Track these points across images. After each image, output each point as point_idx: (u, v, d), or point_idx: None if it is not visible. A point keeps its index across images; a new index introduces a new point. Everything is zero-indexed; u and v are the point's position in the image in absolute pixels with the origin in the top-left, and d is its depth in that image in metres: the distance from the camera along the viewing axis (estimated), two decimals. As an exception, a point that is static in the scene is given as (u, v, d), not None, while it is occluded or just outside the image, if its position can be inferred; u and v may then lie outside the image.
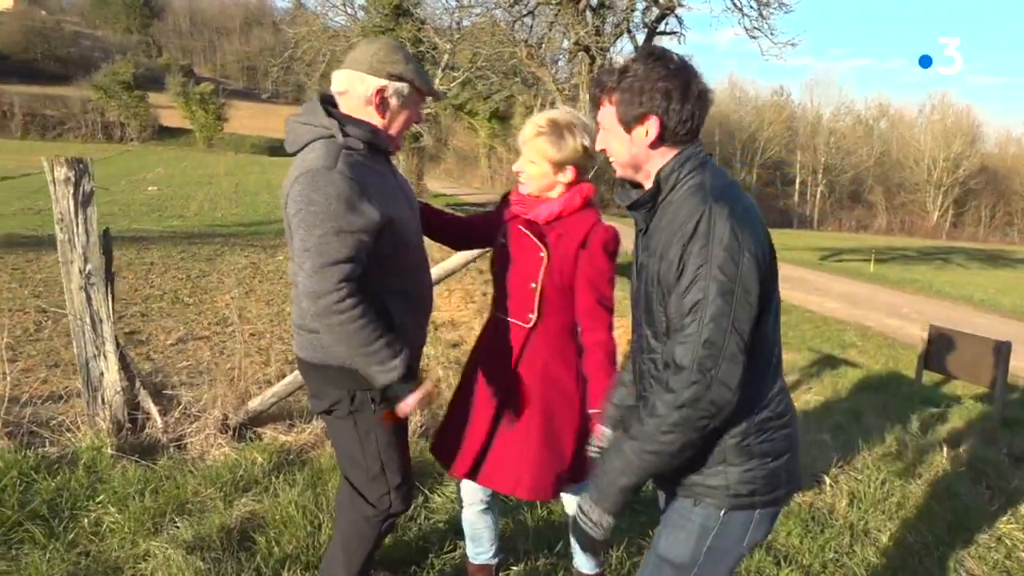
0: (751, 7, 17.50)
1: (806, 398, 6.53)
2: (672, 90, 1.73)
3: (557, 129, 2.37)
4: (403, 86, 2.21)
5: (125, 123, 65.93)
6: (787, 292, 16.77)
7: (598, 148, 1.93)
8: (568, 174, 2.40)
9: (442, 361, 7.21)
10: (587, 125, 2.40)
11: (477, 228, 2.66)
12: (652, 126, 1.75)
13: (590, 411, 2.42)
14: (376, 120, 2.22)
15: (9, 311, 7.78)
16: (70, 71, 76.92)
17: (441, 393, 2.21)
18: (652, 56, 1.76)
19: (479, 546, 2.79)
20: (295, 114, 2.25)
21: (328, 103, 2.24)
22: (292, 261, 2.17)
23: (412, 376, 2.19)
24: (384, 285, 2.23)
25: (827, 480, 4.05)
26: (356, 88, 2.20)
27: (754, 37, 17.44)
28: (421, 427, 4.03)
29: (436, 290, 8.35)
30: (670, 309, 1.70)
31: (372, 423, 2.33)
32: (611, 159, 1.87)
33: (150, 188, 27.81)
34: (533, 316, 2.42)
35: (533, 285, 2.40)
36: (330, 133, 2.14)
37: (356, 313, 2.08)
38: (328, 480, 3.46)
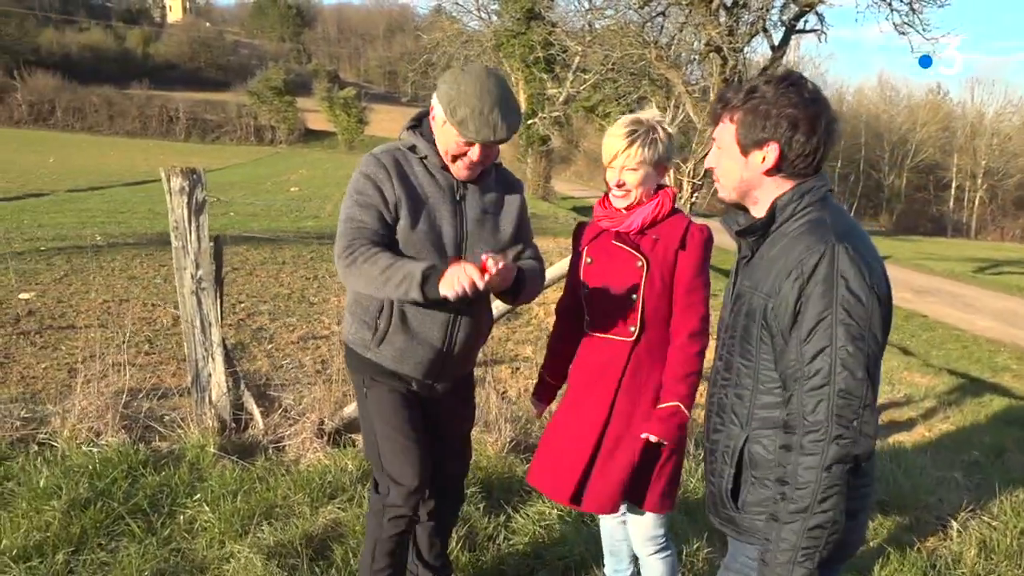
0: (901, 0, 16.37)
1: (941, 427, 6.00)
2: (800, 120, 1.64)
3: (646, 128, 2.32)
4: (439, 109, 2.26)
5: (275, 126, 70.12)
6: (933, 307, 15.59)
7: (707, 165, 1.84)
8: (664, 174, 2.39)
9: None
10: (660, 118, 2.39)
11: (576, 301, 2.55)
12: (771, 153, 1.67)
13: (662, 404, 2.32)
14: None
15: (153, 305, 8.38)
16: (229, 78, 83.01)
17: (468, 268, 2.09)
18: (786, 81, 1.68)
19: (619, 562, 2.73)
20: None
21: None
22: None
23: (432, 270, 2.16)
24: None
25: (954, 525, 3.68)
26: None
27: (903, 33, 16.29)
28: (511, 443, 3.98)
29: (549, 297, 8.27)
30: (788, 355, 1.60)
31: (370, 409, 2.45)
32: (719, 178, 1.79)
33: (292, 189, 29.32)
34: (635, 329, 2.35)
35: (634, 297, 2.33)
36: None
37: (366, 253, 2.21)
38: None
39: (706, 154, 2.16)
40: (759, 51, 18.67)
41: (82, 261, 10.54)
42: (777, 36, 16.94)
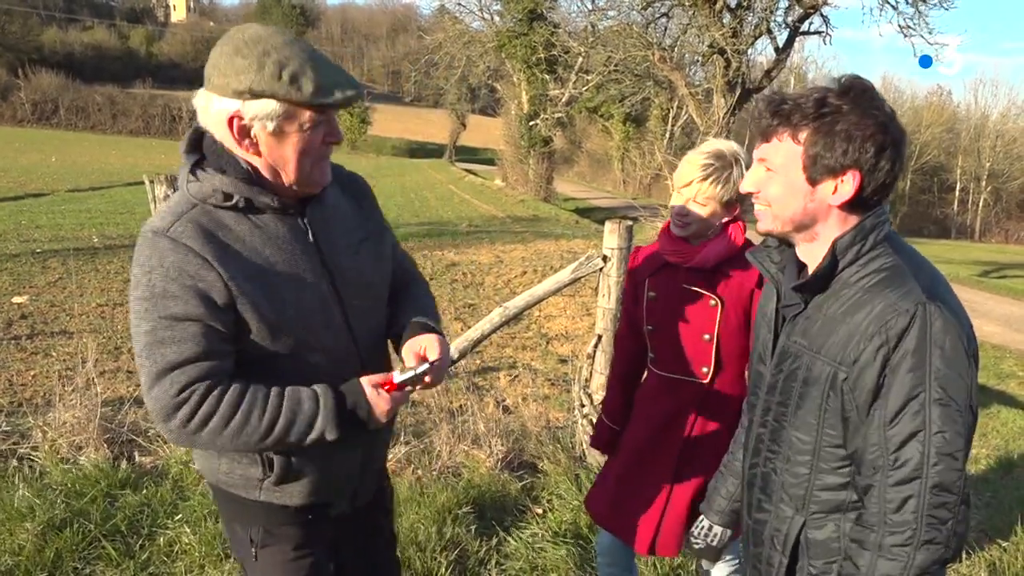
0: (906, 2, 16.23)
1: (948, 440, 5.87)
2: (887, 145, 1.36)
3: (724, 163, 2.13)
4: (268, 105, 1.47)
5: (278, 126, 69.98)
6: (938, 312, 15.42)
7: (748, 188, 1.51)
8: (734, 211, 2.20)
9: (550, 378, 7.04)
10: (742, 153, 2.16)
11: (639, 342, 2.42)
12: (848, 184, 1.38)
13: None
14: (252, 158, 1.53)
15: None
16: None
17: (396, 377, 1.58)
18: (866, 93, 1.37)
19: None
20: None
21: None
22: None
23: (344, 401, 1.54)
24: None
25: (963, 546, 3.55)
26: (207, 114, 1.53)
27: (907, 36, 16.16)
28: (503, 459, 3.86)
29: (550, 301, 8.07)
30: (867, 437, 1.35)
31: (257, 570, 1.73)
32: (771, 204, 1.46)
33: (294, 189, 29.25)
34: (708, 370, 2.21)
35: (707, 337, 2.18)
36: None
37: (219, 403, 1.47)
38: (405, 512, 3.34)
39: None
40: (764, 53, 18.55)
41: (78, 263, 10.45)
42: (781, 38, 16.82)
